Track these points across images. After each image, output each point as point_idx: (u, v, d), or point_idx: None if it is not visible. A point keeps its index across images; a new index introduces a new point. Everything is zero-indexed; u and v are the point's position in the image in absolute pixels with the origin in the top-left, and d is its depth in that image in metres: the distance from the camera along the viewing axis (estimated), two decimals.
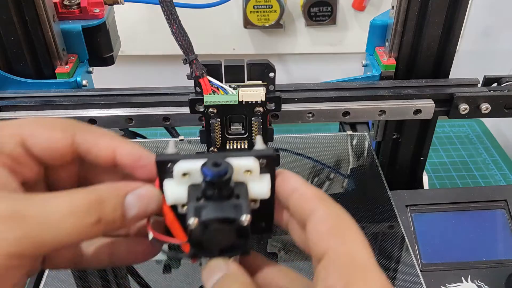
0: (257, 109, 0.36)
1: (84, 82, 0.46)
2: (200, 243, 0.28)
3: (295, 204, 0.28)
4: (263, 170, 0.29)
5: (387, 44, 0.48)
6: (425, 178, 0.56)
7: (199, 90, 0.36)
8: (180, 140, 0.57)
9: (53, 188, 0.31)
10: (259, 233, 0.31)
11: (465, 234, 0.45)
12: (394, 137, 0.53)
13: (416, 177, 0.55)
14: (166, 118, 0.42)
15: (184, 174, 0.28)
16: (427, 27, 0.45)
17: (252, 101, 0.36)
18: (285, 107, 0.41)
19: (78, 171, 0.31)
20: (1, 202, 0.24)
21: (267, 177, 0.29)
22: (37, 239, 0.24)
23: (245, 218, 0.27)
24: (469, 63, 0.84)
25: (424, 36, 0.46)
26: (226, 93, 0.36)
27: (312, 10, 0.77)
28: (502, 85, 0.47)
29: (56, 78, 0.46)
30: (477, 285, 0.42)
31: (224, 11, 0.76)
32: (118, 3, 0.49)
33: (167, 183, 0.28)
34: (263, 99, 0.36)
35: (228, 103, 0.36)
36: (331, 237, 0.25)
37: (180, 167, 0.28)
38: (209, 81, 0.36)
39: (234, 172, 0.28)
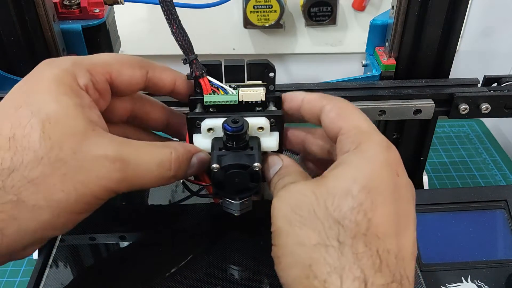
0: (257, 109, 0.36)
1: None
2: (221, 185, 0.34)
3: (307, 108, 0.34)
4: (273, 128, 0.35)
5: (387, 44, 0.48)
6: (425, 178, 0.56)
7: (199, 90, 0.36)
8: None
9: (109, 116, 0.35)
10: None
11: (465, 234, 0.45)
12: (394, 137, 0.53)
13: (416, 177, 0.55)
14: None
15: (209, 129, 0.35)
16: (427, 27, 0.45)
17: (252, 101, 0.36)
18: None
19: (132, 105, 0.37)
20: (109, 144, 0.29)
21: (276, 134, 0.36)
22: (131, 182, 0.30)
23: (257, 165, 0.33)
24: (469, 63, 0.84)
25: (424, 36, 0.46)
26: (226, 93, 0.36)
27: (312, 10, 0.77)
28: (502, 85, 0.47)
29: None
30: (477, 285, 0.42)
31: (224, 11, 0.76)
32: (118, 3, 0.49)
33: (195, 136, 0.35)
34: (263, 99, 0.36)
35: (228, 103, 0.36)
36: (340, 119, 0.32)
37: (206, 123, 0.35)
38: (209, 81, 0.36)
39: (249, 128, 0.34)
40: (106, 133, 0.30)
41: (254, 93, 0.36)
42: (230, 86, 0.37)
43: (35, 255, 0.45)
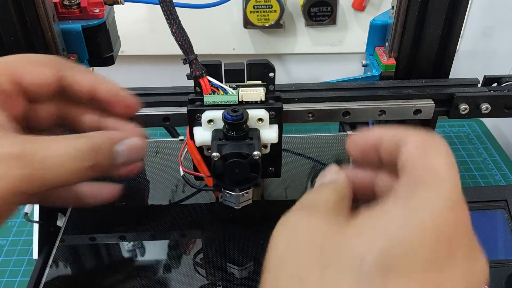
0: None
1: None
2: (221, 176, 0.35)
3: (387, 146, 0.27)
4: (272, 121, 0.36)
5: (387, 44, 0.48)
6: None
7: (199, 90, 0.36)
8: (180, 140, 0.57)
9: (34, 127, 0.33)
10: (269, 177, 0.37)
11: None
12: None
13: None
14: (166, 118, 0.42)
15: (209, 121, 0.35)
16: (427, 27, 0.45)
17: (252, 101, 0.36)
18: (285, 107, 0.41)
19: (57, 109, 0.34)
20: (12, 142, 0.26)
21: (275, 126, 0.36)
22: (41, 179, 0.27)
23: (256, 153, 0.33)
24: (469, 63, 0.84)
25: (424, 36, 0.46)
26: (226, 93, 0.36)
27: (312, 10, 0.77)
28: (502, 85, 0.47)
29: None
30: None
31: (224, 11, 0.76)
32: (118, 3, 0.49)
33: (196, 129, 0.36)
34: (263, 99, 0.36)
35: (228, 103, 0.36)
36: (421, 160, 0.25)
37: (206, 115, 0.35)
38: (209, 81, 0.36)
39: (249, 119, 0.35)
40: (11, 133, 0.28)
41: (254, 93, 0.36)
42: (230, 86, 0.37)
43: (35, 255, 0.45)
